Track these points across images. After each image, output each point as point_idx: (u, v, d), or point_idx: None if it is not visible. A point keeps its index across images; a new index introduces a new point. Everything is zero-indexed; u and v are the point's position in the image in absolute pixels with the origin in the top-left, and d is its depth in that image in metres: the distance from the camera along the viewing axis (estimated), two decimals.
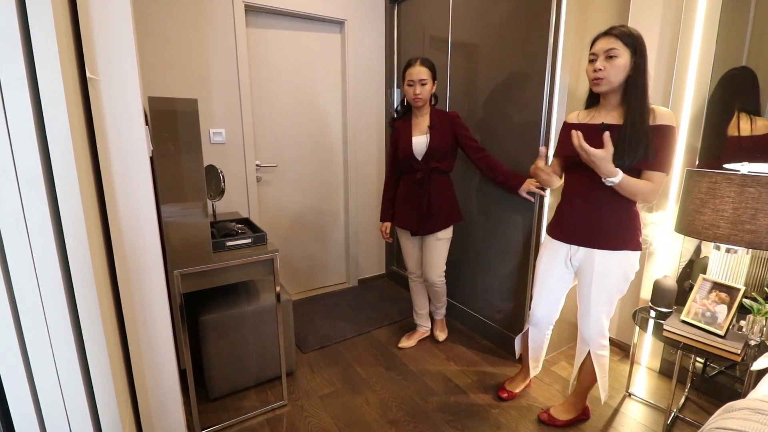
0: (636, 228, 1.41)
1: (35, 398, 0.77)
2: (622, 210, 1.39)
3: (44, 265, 0.72)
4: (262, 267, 1.60)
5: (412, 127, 1.99)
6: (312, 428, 1.60)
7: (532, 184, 1.84)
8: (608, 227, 1.40)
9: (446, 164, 1.98)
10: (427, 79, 1.87)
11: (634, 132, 1.30)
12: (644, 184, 1.32)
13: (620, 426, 1.63)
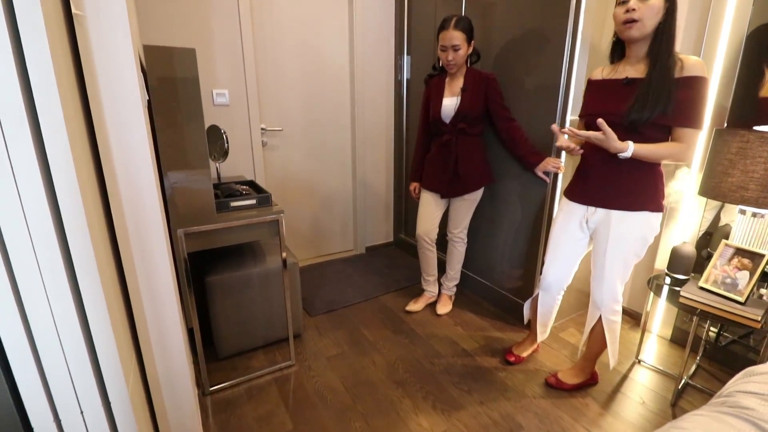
0: (658, 188, 1.34)
1: (36, 357, 0.76)
2: (644, 169, 1.31)
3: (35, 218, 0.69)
4: (267, 228, 1.57)
5: (445, 88, 1.92)
6: (319, 387, 1.62)
7: (550, 164, 1.77)
8: (628, 187, 1.33)
9: (476, 127, 1.91)
10: (460, 44, 1.76)
11: (657, 84, 1.21)
12: (670, 146, 1.25)
13: (629, 391, 1.62)
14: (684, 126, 1.23)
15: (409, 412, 1.49)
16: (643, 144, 1.24)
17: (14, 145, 0.65)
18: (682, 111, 1.21)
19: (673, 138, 1.27)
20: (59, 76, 0.69)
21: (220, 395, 1.56)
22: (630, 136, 1.25)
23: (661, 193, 1.35)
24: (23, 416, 0.80)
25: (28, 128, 0.65)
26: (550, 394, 1.59)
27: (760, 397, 0.90)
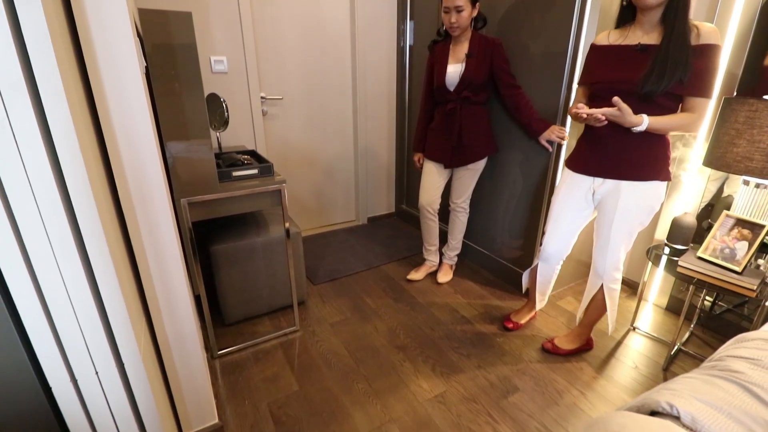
0: (667, 157, 1.33)
1: (51, 322, 0.78)
2: (654, 139, 1.30)
3: (42, 190, 0.69)
4: (269, 198, 1.58)
5: (449, 54, 1.86)
6: (323, 351, 1.68)
7: (555, 132, 1.75)
8: (639, 157, 1.32)
9: (481, 95, 1.87)
10: (463, 5, 1.69)
11: (674, 52, 1.17)
12: (682, 117, 1.23)
13: (623, 356, 1.67)
14: (697, 96, 1.20)
15: (409, 375, 1.55)
16: (656, 117, 1.22)
17: (15, 114, 0.65)
18: (697, 80, 1.19)
19: (684, 108, 1.24)
20: (56, 42, 0.67)
21: (227, 358, 1.63)
22: (642, 106, 1.23)
23: (669, 162, 1.34)
24: (41, 377, 0.85)
25: (28, 96, 0.65)
26: (546, 359, 1.65)
27: (750, 362, 0.93)
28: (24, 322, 0.77)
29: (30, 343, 0.80)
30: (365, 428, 1.32)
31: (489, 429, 1.32)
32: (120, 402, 0.91)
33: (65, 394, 0.85)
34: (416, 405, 1.41)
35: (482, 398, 1.44)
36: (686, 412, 0.76)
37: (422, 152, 2.14)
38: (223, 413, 1.36)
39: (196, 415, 1.23)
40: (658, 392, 0.85)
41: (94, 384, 0.87)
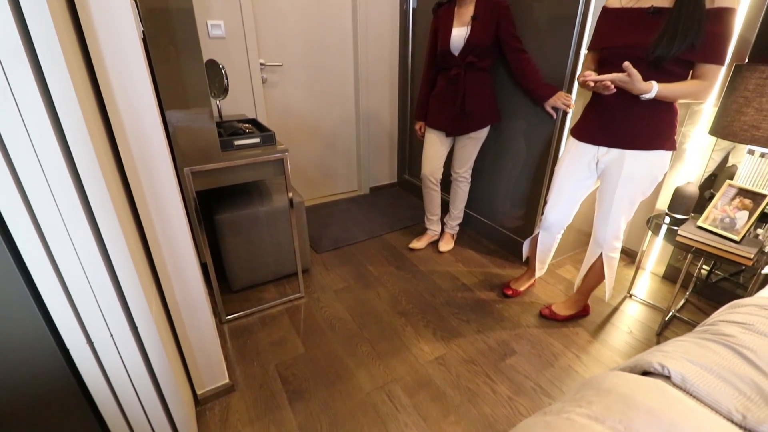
0: (674, 126, 1.31)
1: (65, 288, 0.81)
2: (662, 107, 1.28)
3: (48, 159, 0.70)
4: (272, 167, 1.57)
5: (454, 17, 1.80)
6: (328, 316, 1.73)
7: (561, 99, 1.71)
8: (644, 125, 1.30)
9: (485, 61, 1.83)
10: None
11: (688, 15, 1.13)
12: (692, 84, 1.20)
13: (618, 322, 1.72)
14: (709, 62, 1.17)
15: (411, 339, 1.61)
16: (666, 84, 1.19)
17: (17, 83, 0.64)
18: (710, 46, 1.15)
19: (695, 74, 1.21)
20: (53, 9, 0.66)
21: (235, 323, 1.68)
22: (652, 72, 1.20)
23: (675, 131, 1.33)
24: (60, 341, 0.89)
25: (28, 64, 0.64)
26: (543, 324, 1.70)
27: (742, 326, 0.96)
28: (39, 290, 0.80)
29: (47, 309, 0.84)
30: (369, 387, 1.38)
31: (487, 389, 1.38)
32: (135, 362, 0.95)
33: (82, 356, 0.90)
34: (417, 366, 1.47)
35: (481, 360, 1.50)
36: (677, 372, 0.80)
37: (424, 120, 2.11)
38: (234, 374, 1.42)
39: (208, 376, 1.29)
40: (650, 354, 0.89)
41: (110, 346, 0.91)
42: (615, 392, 0.75)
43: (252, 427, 1.23)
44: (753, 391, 0.77)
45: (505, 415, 1.29)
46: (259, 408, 1.30)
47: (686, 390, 0.78)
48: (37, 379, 0.91)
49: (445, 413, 1.29)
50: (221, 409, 1.29)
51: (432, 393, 1.36)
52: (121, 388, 0.96)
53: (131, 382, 0.97)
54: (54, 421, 0.97)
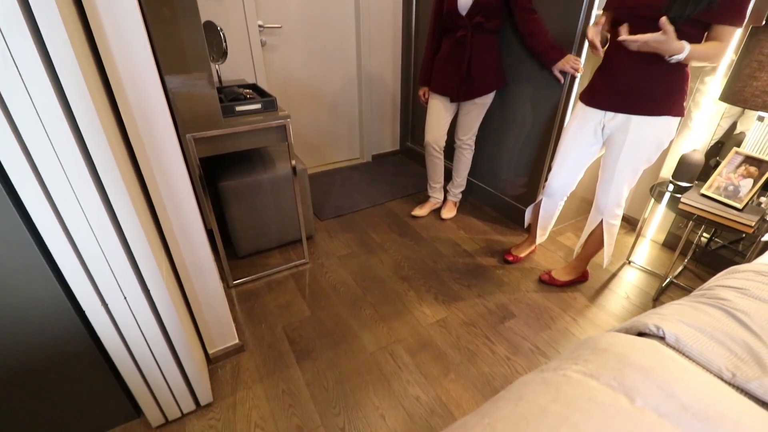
0: (684, 91, 1.29)
1: (78, 255, 0.83)
2: (673, 71, 1.24)
3: (53, 125, 0.70)
4: (274, 133, 1.56)
5: None
6: (332, 281, 1.77)
7: (570, 62, 1.66)
8: (654, 90, 1.27)
9: (493, 22, 1.76)
10: None
11: None
12: (713, 46, 1.16)
13: (616, 287, 1.76)
14: (727, 24, 1.12)
15: (413, 302, 1.65)
16: (695, 45, 1.14)
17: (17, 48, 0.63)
18: (728, 6, 1.10)
19: (710, 36, 1.17)
20: None
21: (242, 288, 1.73)
22: None
23: (685, 96, 1.30)
24: (76, 305, 0.92)
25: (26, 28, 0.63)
26: (542, 289, 1.74)
27: (738, 291, 0.98)
28: (54, 257, 0.82)
29: (62, 275, 0.86)
30: (372, 347, 1.44)
31: (486, 349, 1.44)
32: (148, 322, 0.99)
33: (98, 318, 0.93)
34: (419, 328, 1.52)
35: (480, 323, 1.55)
36: (671, 333, 0.83)
37: (428, 86, 2.07)
38: (243, 335, 1.48)
39: (218, 336, 1.34)
40: (647, 316, 0.92)
41: (124, 307, 0.95)
42: (610, 351, 0.78)
43: (262, 384, 1.30)
44: (744, 351, 0.80)
45: (503, 373, 1.35)
46: (269, 366, 1.36)
47: (680, 350, 0.81)
48: (57, 340, 0.95)
49: (446, 372, 1.35)
50: (232, 367, 1.35)
51: (433, 353, 1.42)
52: (136, 347, 1.01)
53: (146, 341, 1.01)
54: (76, 379, 1.03)
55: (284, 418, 1.19)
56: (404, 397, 1.26)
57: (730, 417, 0.65)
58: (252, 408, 1.22)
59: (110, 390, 1.09)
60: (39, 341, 0.93)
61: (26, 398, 0.99)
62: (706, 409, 0.66)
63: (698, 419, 0.65)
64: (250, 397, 1.26)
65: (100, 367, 1.04)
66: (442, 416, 1.21)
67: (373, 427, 1.17)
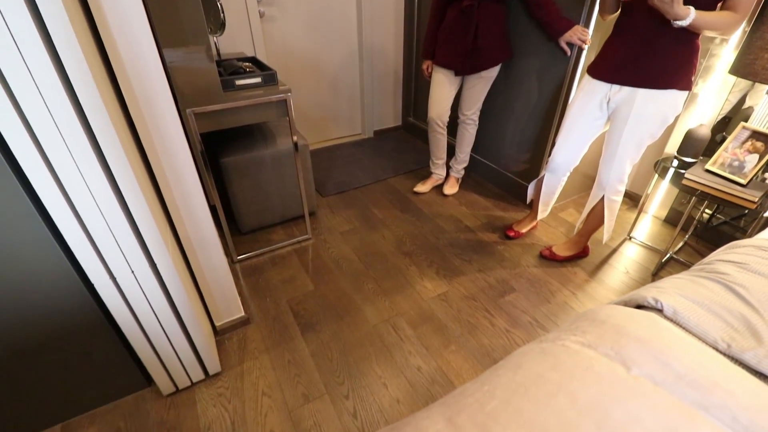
0: (692, 64, 1.26)
1: (85, 230, 0.84)
2: (683, 43, 1.21)
3: (54, 102, 0.69)
4: (275, 108, 1.54)
5: None
6: (335, 256, 1.79)
7: (578, 33, 1.61)
8: (661, 62, 1.25)
9: None
10: None
11: None
12: (725, 15, 1.12)
13: (615, 263, 1.78)
14: None
15: (415, 277, 1.68)
16: (701, 12, 1.11)
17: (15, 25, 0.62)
18: None
19: (725, 6, 1.13)
20: None
21: (247, 263, 1.75)
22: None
23: (693, 70, 1.27)
24: (86, 280, 0.94)
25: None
26: (542, 264, 1.76)
27: (738, 265, 0.99)
28: (62, 233, 0.83)
29: (71, 251, 0.88)
30: (375, 320, 1.47)
31: (486, 322, 1.47)
32: (156, 295, 1.01)
33: (107, 291, 0.95)
34: (421, 302, 1.55)
35: (481, 297, 1.58)
36: (669, 305, 0.85)
37: (431, 59, 2.02)
38: (248, 308, 1.51)
39: (225, 309, 1.37)
40: (645, 289, 0.94)
41: (131, 281, 0.97)
42: (609, 323, 0.80)
43: (268, 355, 1.34)
44: (740, 323, 0.82)
45: (502, 345, 1.38)
46: (274, 338, 1.40)
47: (677, 322, 0.83)
48: (68, 313, 0.98)
49: (446, 343, 1.38)
50: (239, 339, 1.39)
51: (434, 326, 1.45)
52: (145, 318, 1.03)
53: (154, 313, 1.03)
54: (88, 350, 1.06)
55: (290, 387, 1.24)
56: (406, 367, 1.30)
57: (723, 386, 0.67)
58: (259, 377, 1.26)
59: (121, 360, 1.13)
60: (51, 314, 0.96)
61: (41, 368, 1.02)
62: (700, 378, 0.68)
63: (692, 387, 0.67)
64: (257, 366, 1.30)
65: (111, 339, 1.07)
66: (443, 385, 1.25)
67: (376, 396, 1.21)
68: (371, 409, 1.18)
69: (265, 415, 1.16)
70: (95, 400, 1.17)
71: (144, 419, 1.15)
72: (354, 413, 1.17)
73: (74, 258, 0.90)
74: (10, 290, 0.88)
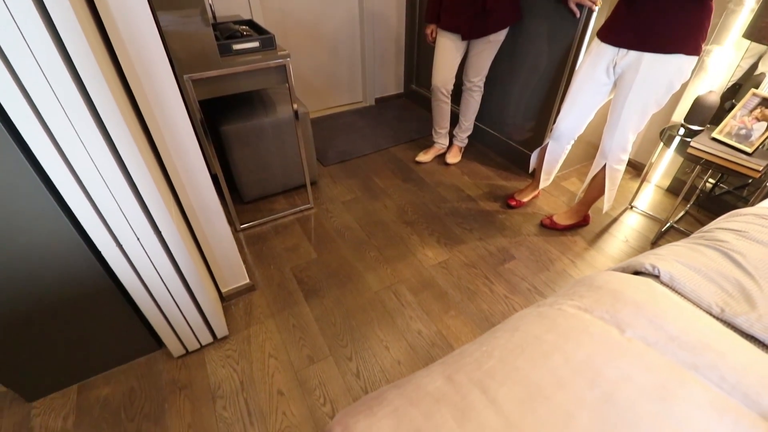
0: (703, 28, 1.21)
1: (90, 198, 0.85)
2: (695, 4, 1.16)
3: (53, 73, 0.68)
4: (274, 74, 1.51)
5: None
6: (337, 225, 1.81)
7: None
8: (672, 24, 1.20)
9: None
10: None
11: None
12: None
13: (616, 231, 1.79)
14: None
15: (416, 246, 1.70)
16: None
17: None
18: None
19: None
20: None
21: (250, 232, 1.77)
22: None
23: (704, 34, 1.23)
24: (93, 248, 0.95)
25: None
26: (543, 233, 1.78)
27: (737, 233, 1.00)
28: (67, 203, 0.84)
29: (77, 219, 0.89)
30: (377, 287, 1.50)
31: (485, 289, 1.50)
32: (162, 261, 1.03)
33: (114, 258, 0.97)
34: (422, 270, 1.58)
35: (481, 265, 1.61)
36: (666, 271, 0.86)
37: (436, 23, 1.94)
38: (253, 276, 1.54)
39: (230, 276, 1.40)
40: (644, 256, 0.95)
41: (138, 248, 0.98)
42: (606, 288, 0.82)
43: (274, 319, 1.38)
44: (735, 289, 0.83)
45: (501, 310, 1.42)
46: (279, 304, 1.43)
47: (673, 288, 0.85)
48: (78, 280, 1.00)
49: (446, 309, 1.42)
50: (245, 304, 1.43)
51: (435, 292, 1.48)
52: (152, 284, 1.06)
53: (161, 278, 1.06)
54: (99, 315, 1.10)
55: (296, 349, 1.28)
56: (407, 331, 1.34)
57: (715, 347, 0.69)
58: (265, 340, 1.31)
59: (132, 324, 1.17)
60: (62, 282, 0.99)
61: (57, 332, 1.06)
62: (692, 339, 0.70)
63: (683, 349, 0.69)
64: (263, 330, 1.34)
65: (121, 304, 1.11)
66: (442, 348, 1.29)
67: (378, 357, 1.26)
68: (373, 369, 1.23)
69: (272, 375, 1.21)
70: (109, 362, 1.22)
71: (156, 379, 1.20)
72: (357, 373, 1.22)
73: (81, 228, 0.92)
74: (23, 260, 0.90)
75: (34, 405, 1.14)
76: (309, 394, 1.16)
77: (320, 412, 1.12)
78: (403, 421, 0.59)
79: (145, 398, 1.15)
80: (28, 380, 1.11)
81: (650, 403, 0.60)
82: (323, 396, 1.16)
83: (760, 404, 0.61)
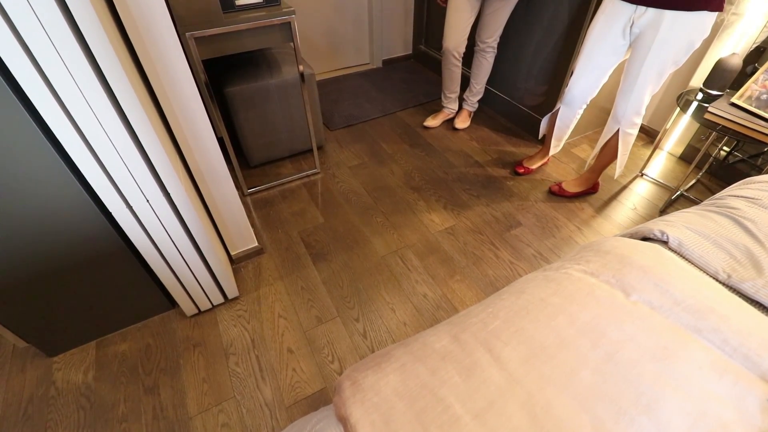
0: None
1: (99, 162, 0.85)
2: None
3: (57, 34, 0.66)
4: (279, 32, 1.46)
5: None
6: (343, 190, 1.81)
7: None
8: None
9: None
10: None
11: None
12: None
13: (624, 199, 1.77)
14: None
15: (423, 211, 1.70)
16: None
17: None
18: None
19: None
20: None
21: (257, 196, 1.78)
22: None
23: None
24: (104, 210, 0.97)
25: None
26: (551, 200, 1.77)
27: (749, 201, 0.99)
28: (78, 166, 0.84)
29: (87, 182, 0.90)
30: (383, 251, 1.52)
31: (491, 254, 1.52)
32: (172, 223, 1.04)
33: (125, 219, 0.98)
34: (428, 235, 1.59)
35: (487, 230, 1.61)
36: (674, 237, 0.86)
37: None
38: (261, 239, 1.56)
39: (239, 239, 1.42)
40: (653, 222, 0.94)
41: (147, 209, 0.99)
42: (613, 253, 0.82)
43: (282, 282, 1.41)
44: (744, 255, 0.83)
45: (506, 275, 1.44)
46: (287, 267, 1.46)
47: (681, 254, 0.85)
48: (90, 241, 1.03)
49: (452, 273, 1.44)
50: (254, 267, 1.46)
51: (440, 257, 1.50)
52: (163, 245, 1.08)
53: (171, 240, 1.08)
54: (113, 275, 1.13)
55: (304, 310, 1.32)
56: (413, 294, 1.37)
57: (719, 311, 0.70)
58: (275, 301, 1.35)
59: (145, 284, 1.20)
60: (75, 242, 1.01)
61: (74, 291, 1.09)
62: (697, 303, 0.71)
63: (688, 312, 0.70)
64: (272, 292, 1.38)
65: (133, 264, 1.13)
66: (447, 311, 1.32)
67: (384, 319, 1.29)
68: (380, 330, 1.27)
69: (282, 334, 1.25)
70: (125, 320, 1.26)
71: (171, 336, 1.25)
72: (364, 333, 1.26)
73: (93, 192, 0.93)
74: (35, 222, 0.92)
75: (55, 360, 1.19)
76: (318, 352, 1.21)
77: (328, 369, 1.17)
78: (409, 376, 0.61)
79: (160, 354, 1.21)
80: (49, 336, 1.16)
81: (651, 363, 0.62)
82: (331, 354, 1.21)
83: (760, 366, 0.63)
